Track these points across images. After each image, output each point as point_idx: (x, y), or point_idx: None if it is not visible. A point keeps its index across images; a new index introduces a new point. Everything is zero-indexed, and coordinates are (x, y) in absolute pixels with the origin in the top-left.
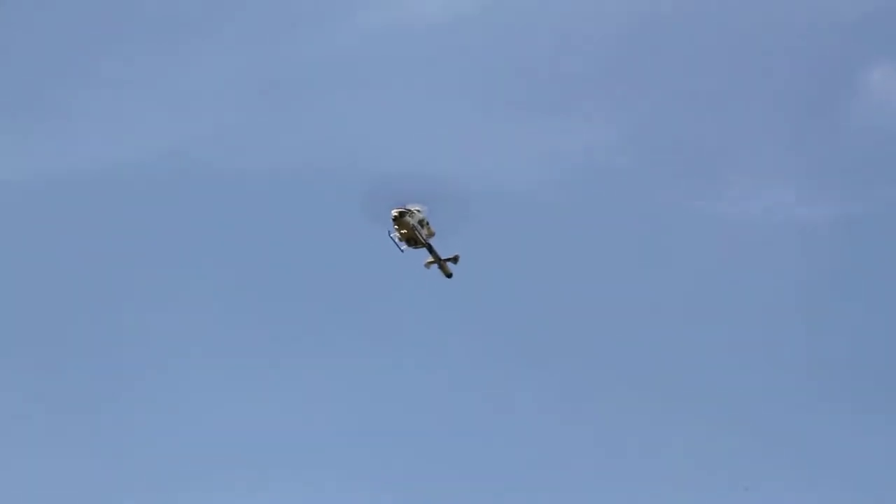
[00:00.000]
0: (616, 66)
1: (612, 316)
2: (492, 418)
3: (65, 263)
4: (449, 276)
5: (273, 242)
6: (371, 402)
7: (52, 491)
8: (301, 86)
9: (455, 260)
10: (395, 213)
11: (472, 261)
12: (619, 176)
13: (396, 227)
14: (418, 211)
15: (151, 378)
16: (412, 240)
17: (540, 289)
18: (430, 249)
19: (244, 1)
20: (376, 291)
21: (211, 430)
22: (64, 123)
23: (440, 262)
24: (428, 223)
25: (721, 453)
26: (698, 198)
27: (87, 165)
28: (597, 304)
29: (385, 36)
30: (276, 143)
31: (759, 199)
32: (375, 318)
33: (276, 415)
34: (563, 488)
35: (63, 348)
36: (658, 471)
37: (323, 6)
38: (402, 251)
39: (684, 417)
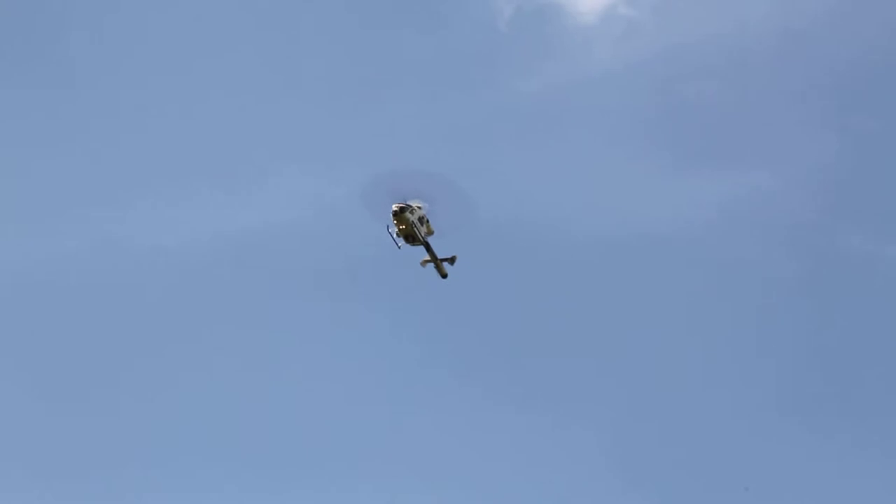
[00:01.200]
0: (792, 108)
1: (795, 365)
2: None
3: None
4: (444, 276)
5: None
6: None
7: None
8: (471, 139)
9: (452, 261)
10: (395, 208)
11: (640, 307)
12: (801, 222)
13: (396, 222)
14: (419, 208)
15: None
16: (410, 236)
17: (721, 336)
18: (428, 248)
19: (412, 58)
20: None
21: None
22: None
23: (437, 261)
24: (428, 221)
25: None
26: (881, 242)
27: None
28: (780, 353)
29: (558, 86)
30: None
31: None
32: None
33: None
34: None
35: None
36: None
37: (497, 59)
38: (399, 247)
39: None
